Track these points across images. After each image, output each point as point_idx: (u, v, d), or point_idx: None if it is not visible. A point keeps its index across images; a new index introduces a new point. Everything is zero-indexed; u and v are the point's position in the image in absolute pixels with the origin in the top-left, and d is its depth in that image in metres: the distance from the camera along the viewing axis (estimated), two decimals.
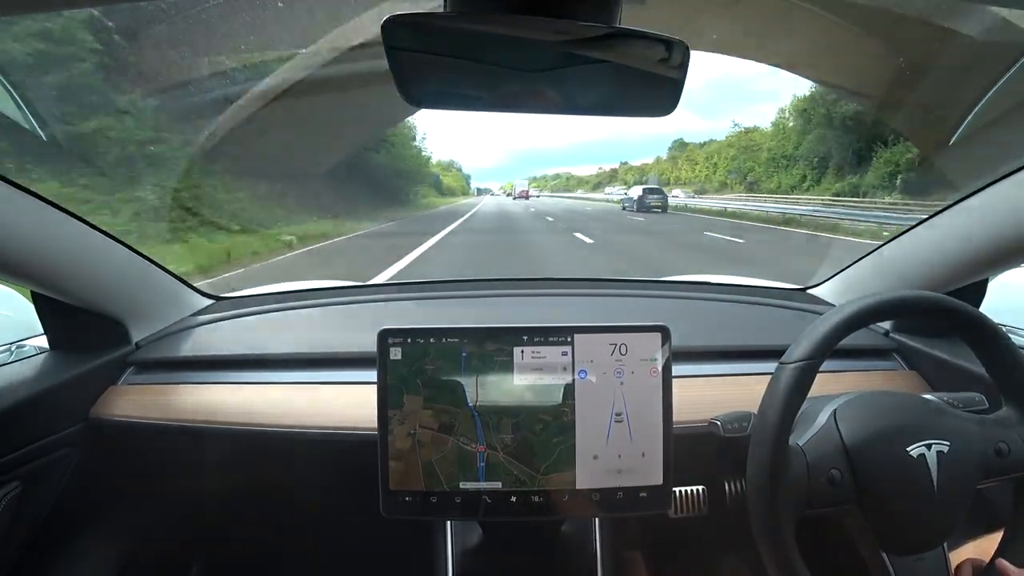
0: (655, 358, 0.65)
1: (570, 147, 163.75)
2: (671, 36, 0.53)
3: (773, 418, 0.56)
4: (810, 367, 0.57)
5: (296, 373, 0.91)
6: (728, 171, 29.99)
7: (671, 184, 36.20)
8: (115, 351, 0.91)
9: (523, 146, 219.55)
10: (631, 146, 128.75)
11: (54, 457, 0.81)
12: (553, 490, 0.65)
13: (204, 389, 0.89)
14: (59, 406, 0.82)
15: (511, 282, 1.29)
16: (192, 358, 0.95)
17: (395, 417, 0.65)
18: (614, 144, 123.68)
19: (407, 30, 0.52)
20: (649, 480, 0.65)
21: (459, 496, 0.65)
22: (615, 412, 0.65)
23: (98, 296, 0.86)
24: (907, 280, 0.93)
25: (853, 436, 0.59)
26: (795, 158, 22.02)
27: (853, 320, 0.59)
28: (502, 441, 0.65)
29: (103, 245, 0.85)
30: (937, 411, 0.61)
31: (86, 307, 0.85)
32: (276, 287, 1.27)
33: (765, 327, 1.04)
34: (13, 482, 0.76)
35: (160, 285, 1.02)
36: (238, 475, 0.94)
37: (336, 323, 1.07)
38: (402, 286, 1.25)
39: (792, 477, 0.57)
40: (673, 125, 53.78)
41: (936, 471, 0.57)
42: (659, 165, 47.27)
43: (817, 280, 1.20)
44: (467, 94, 0.61)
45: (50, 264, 0.77)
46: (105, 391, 0.89)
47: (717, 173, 32.26)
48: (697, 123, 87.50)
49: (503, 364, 0.65)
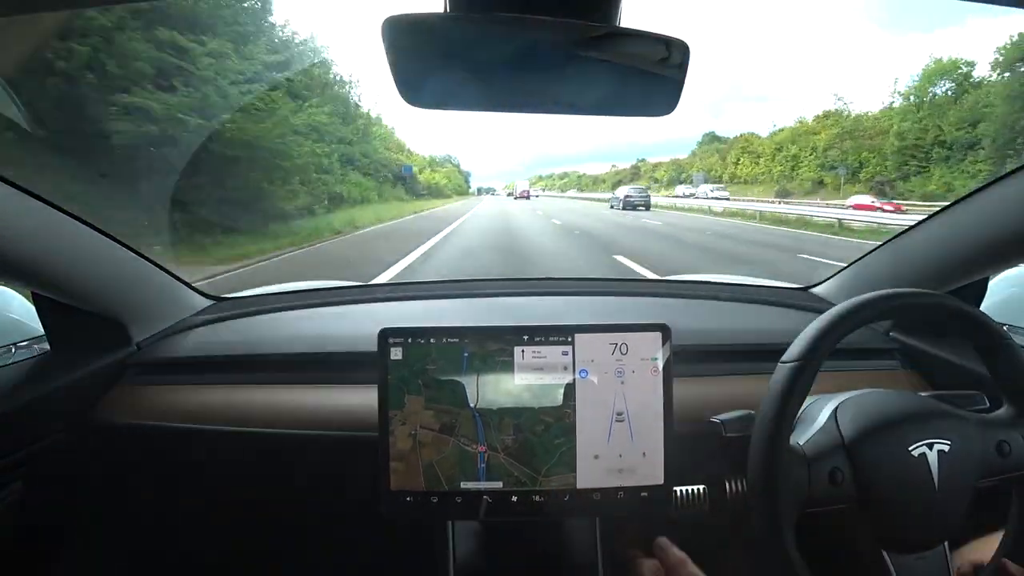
0: (656, 357, 0.65)
1: (581, 144, 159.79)
2: (671, 36, 0.53)
3: (774, 417, 0.56)
4: (810, 366, 0.57)
5: (296, 374, 0.91)
6: (827, 165, 21.56)
7: (723, 182, 29.96)
8: (116, 352, 0.92)
9: (531, 144, 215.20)
10: (644, 144, 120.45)
11: (55, 457, 0.81)
12: (554, 490, 0.65)
13: (204, 390, 0.89)
14: (60, 407, 0.82)
15: (511, 282, 1.30)
16: (192, 359, 0.95)
17: (396, 418, 0.65)
18: (626, 141, 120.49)
19: (406, 30, 0.52)
20: (650, 480, 0.65)
21: (460, 496, 0.65)
22: (616, 412, 0.65)
23: (98, 297, 0.86)
24: (907, 279, 0.93)
25: (854, 435, 0.59)
26: (963, 144, 13.89)
27: (853, 319, 0.59)
28: (503, 442, 0.65)
29: (103, 246, 0.86)
30: (938, 410, 0.61)
31: (86, 308, 0.85)
32: (276, 287, 1.27)
33: (766, 326, 1.04)
34: (15, 482, 0.76)
35: (160, 286, 1.02)
36: (239, 475, 0.94)
37: (336, 323, 1.07)
38: (402, 286, 1.25)
39: (793, 476, 0.57)
40: (703, 123, 52.80)
41: (937, 470, 0.57)
42: (703, 160, 40.46)
43: (818, 279, 1.20)
44: (466, 94, 0.61)
45: (51, 265, 0.77)
46: (106, 392, 0.89)
47: (802, 168, 23.94)
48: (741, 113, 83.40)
49: (504, 364, 0.65)
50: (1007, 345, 0.61)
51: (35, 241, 0.73)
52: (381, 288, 1.34)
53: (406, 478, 0.64)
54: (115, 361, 0.91)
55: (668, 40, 0.53)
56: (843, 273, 1.14)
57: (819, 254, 8.27)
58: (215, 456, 0.89)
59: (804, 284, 1.22)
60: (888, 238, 1.01)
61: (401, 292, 1.18)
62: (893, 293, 0.61)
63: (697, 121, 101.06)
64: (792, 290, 1.22)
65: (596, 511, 0.69)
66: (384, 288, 1.33)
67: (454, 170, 56.30)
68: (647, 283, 1.34)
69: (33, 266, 0.75)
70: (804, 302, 1.13)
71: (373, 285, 1.46)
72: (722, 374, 0.90)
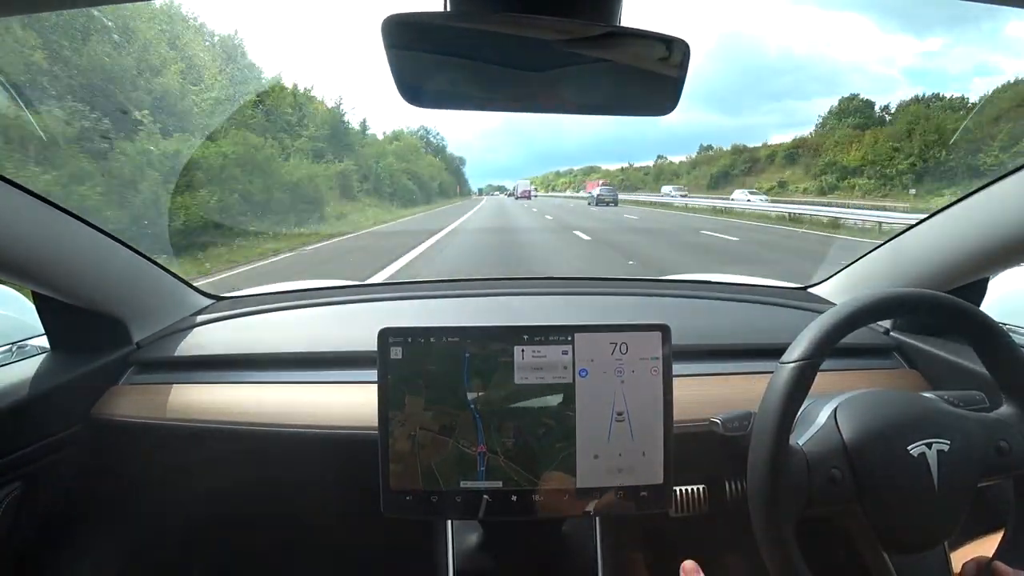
0: (656, 357, 0.65)
1: (593, 142, 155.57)
2: (671, 35, 0.53)
3: (773, 417, 0.56)
4: (810, 366, 0.57)
5: (296, 373, 0.91)
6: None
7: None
8: (116, 351, 0.92)
9: (540, 141, 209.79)
10: (660, 141, 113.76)
11: (56, 457, 0.81)
12: (554, 489, 0.65)
13: (205, 389, 0.89)
14: (60, 406, 0.82)
15: (511, 281, 1.30)
16: (193, 358, 0.95)
17: (396, 418, 0.65)
18: (639, 138, 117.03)
19: (407, 29, 0.52)
20: (650, 479, 0.65)
21: (459, 496, 0.65)
22: (616, 411, 0.65)
23: (99, 296, 0.86)
24: (908, 278, 0.93)
25: (853, 435, 0.59)
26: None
27: (853, 318, 0.59)
28: (503, 445, 0.65)
29: (104, 245, 0.86)
30: (937, 410, 0.61)
31: (87, 307, 0.85)
32: (276, 287, 1.27)
33: (765, 326, 1.04)
34: (15, 482, 0.76)
35: (161, 285, 1.02)
36: (239, 474, 0.94)
37: (336, 323, 1.07)
38: (402, 286, 1.25)
39: (792, 476, 0.57)
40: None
41: (937, 470, 0.57)
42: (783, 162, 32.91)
43: (818, 279, 1.20)
44: (467, 94, 0.61)
45: (51, 264, 0.77)
46: (106, 391, 0.89)
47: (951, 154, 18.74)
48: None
49: (504, 364, 0.65)
50: (1007, 345, 0.61)
51: (35, 241, 0.73)
52: (381, 287, 1.34)
53: (405, 479, 0.64)
54: (115, 360, 0.91)
55: (668, 39, 0.53)
56: (843, 272, 1.14)
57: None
58: (215, 455, 0.89)
59: (803, 284, 1.22)
60: (889, 237, 1.01)
61: (400, 291, 1.18)
62: (893, 293, 0.61)
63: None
64: (792, 290, 1.22)
65: (596, 511, 0.69)
66: (384, 287, 1.33)
67: (435, 162, 37.46)
68: (647, 283, 1.34)
69: (33, 266, 0.75)
70: (804, 302, 1.13)
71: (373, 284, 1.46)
72: (722, 374, 0.90)
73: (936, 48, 71.69)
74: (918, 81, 70.12)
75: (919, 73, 68.65)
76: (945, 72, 67.51)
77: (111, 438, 0.87)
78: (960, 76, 63.95)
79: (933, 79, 68.88)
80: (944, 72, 67.91)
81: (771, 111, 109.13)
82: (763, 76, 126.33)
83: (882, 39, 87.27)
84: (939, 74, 68.86)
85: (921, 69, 68.81)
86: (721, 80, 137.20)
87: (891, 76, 75.49)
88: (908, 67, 73.31)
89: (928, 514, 0.58)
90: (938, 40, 70.44)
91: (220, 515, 1.01)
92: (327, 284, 1.28)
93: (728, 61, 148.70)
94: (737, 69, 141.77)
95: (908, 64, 75.08)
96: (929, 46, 72.55)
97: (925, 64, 71.69)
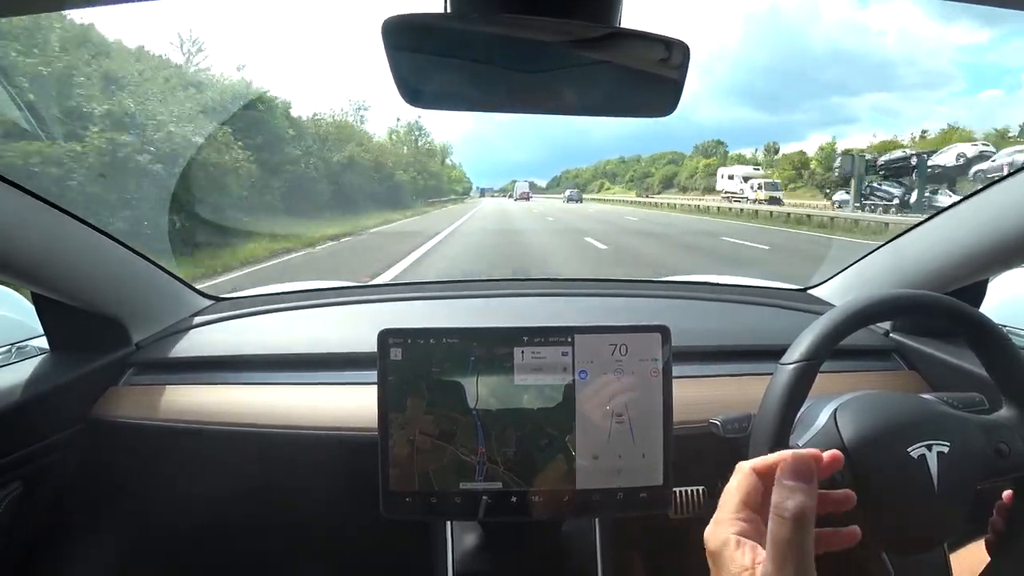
0: (655, 358, 0.65)
1: (608, 140, 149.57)
2: (671, 36, 0.53)
3: (773, 419, 0.56)
4: (810, 367, 0.57)
5: (296, 374, 0.91)
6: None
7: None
8: (115, 352, 0.91)
9: (560, 139, 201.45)
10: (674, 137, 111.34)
11: (55, 458, 0.81)
12: (553, 490, 0.65)
13: (204, 390, 0.89)
14: (60, 407, 0.82)
15: (511, 282, 1.30)
16: (192, 359, 0.95)
17: (396, 421, 0.64)
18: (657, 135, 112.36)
19: (407, 30, 0.52)
20: (649, 480, 0.65)
21: (459, 496, 0.64)
22: (615, 412, 0.65)
23: (98, 297, 0.86)
24: (907, 280, 0.93)
25: (853, 436, 0.59)
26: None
27: (853, 320, 0.59)
28: (504, 455, 0.64)
29: (103, 246, 0.85)
30: (937, 411, 0.61)
31: (86, 308, 0.85)
32: (276, 287, 1.27)
33: (765, 327, 1.04)
34: (14, 482, 0.76)
35: (160, 286, 1.02)
36: (238, 475, 0.94)
37: (336, 323, 1.07)
38: (402, 286, 1.25)
39: None
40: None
41: (936, 472, 0.57)
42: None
43: (817, 280, 1.20)
44: (467, 94, 0.61)
45: (50, 264, 0.77)
46: (105, 392, 0.89)
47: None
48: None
49: (504, 365, 0.65)
50: (1006, 347, 0.61)
51: (35, 241, 0.73)
52: (381, 288, 1.35)
53: (404, 482, 0.64)
54: (115, 361, 0.91)
55: (668, 41, 0.53)
56: (843, 274, 1.14)
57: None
58: (214, 456, 0.89)
59: (802, 285, 1.22)
60: (889, 238, 1.01)
61: (401, 292, 1.18)
62: (892, 294, 0.61)
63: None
64: (791, 291, 1.22)
65: (595, 512, 0.69)
66: (384, 288, 1.33)
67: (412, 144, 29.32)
68: (647, 284, 1.34)
69: (33, 266, 0.75)
70: (803, 303, 1.13)
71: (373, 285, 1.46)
72: (722, 375, 0.90)
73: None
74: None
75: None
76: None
77: (111, 439, 0.87)
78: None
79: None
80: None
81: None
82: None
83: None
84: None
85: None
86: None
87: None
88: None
89: (928, 516, 0.58)
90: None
91: (220, 515, 1.01)
92: (327, 285, 1.28)
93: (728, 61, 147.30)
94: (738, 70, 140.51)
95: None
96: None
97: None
